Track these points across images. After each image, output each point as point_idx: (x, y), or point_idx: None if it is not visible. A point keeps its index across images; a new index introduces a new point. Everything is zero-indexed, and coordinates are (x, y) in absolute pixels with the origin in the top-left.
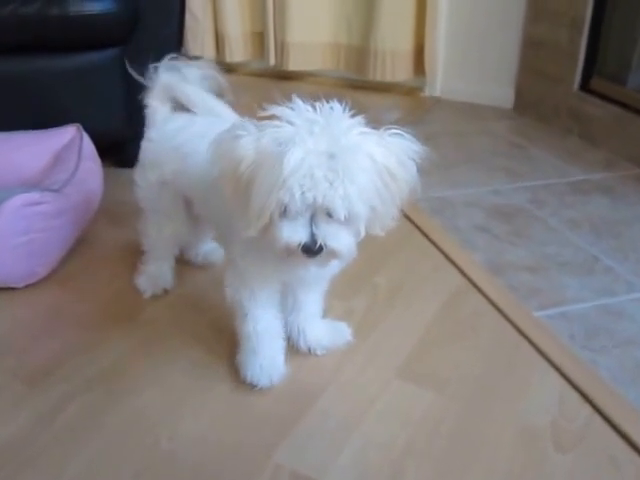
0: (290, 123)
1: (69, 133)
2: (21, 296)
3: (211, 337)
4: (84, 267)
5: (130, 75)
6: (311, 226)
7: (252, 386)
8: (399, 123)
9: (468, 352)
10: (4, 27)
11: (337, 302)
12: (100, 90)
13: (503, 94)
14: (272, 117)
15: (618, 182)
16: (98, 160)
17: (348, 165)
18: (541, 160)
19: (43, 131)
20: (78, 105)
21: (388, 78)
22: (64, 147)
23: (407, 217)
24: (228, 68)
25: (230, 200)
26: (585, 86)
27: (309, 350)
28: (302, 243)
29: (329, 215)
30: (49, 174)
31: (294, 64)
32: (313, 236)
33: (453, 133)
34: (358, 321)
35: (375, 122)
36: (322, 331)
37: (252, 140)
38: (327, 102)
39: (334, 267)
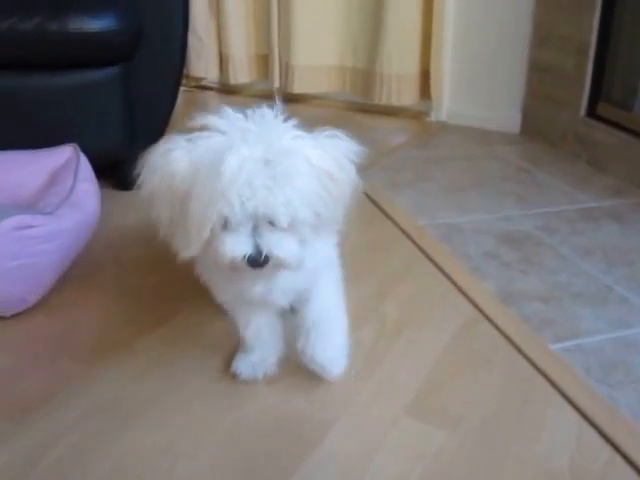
0: (222, 132)
1: (65, 153)
2: (8, 325)
3: (209, 370)
4: (77, 294)
5: (131, 94)
6: (254, 237)
7: (239, 378)
8: (406, 147)
9: (481, 387)
10: (2, 42)
11: None
12: (100, 109)
13: (510, 119)
14: (202, 127)
15: (628, 209)
16: (95, 182)
17: (286, 170)
18: (550, 186)
19: (39, 151)
20: (77, 124)
21: (394, 102)
22: (60, 168)
23: (415, 243)
24: (232, 89)
25: (165, 219)
26: (592, 112)
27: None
28: (247, 255)
29: (271, 224)
30: (44, 195)
31: (299, 86)
32: (257, 247)
33: (460, 158)
34: (366, 353)
35: (382, 145)
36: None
37: (184, 152)
38: (257, 109)
39: (292, 281)
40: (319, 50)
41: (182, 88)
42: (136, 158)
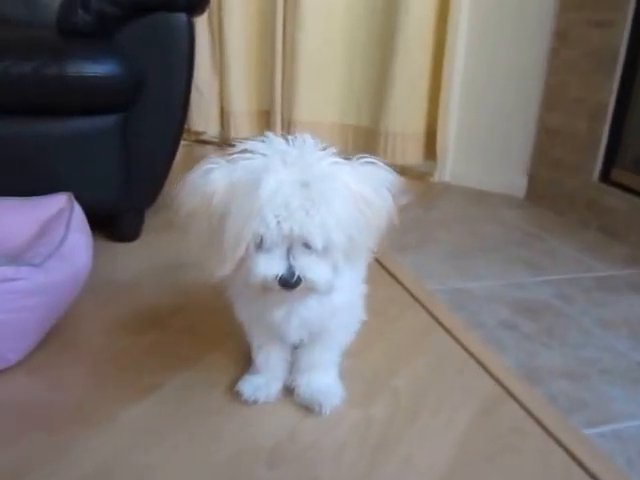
0: (262, 155)
1: (59, 202)
2: None
3: (206, 439)
4: (63, 353)
5: (130, 145)
6: (288, 258)
7: (241, 397)
8: (410, 207)
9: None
10: None
11: (353, 409)
12: (97, 158)
13: (514, 182)
14: (244, 152)
15: None
16: (88, 233)
17: (323, 193)
18: (561, 252)
19: (31, 199)
20: (73, 173)
21: (399, 161)
22: (52, 217)
23: (427, 310)
24: (232, 143)
25: (203, 237)
26: (606, 177)
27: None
28: (279, 275)
29: (306, 246)
30: (33, 245)
31: None
32: (290, 268)
33: (466, 220)
34: (378, 433)
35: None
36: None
37: (224, 172)
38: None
39: (313, 313)
40: (322, 108)
41: (182, 142)
42: (133, 209)
